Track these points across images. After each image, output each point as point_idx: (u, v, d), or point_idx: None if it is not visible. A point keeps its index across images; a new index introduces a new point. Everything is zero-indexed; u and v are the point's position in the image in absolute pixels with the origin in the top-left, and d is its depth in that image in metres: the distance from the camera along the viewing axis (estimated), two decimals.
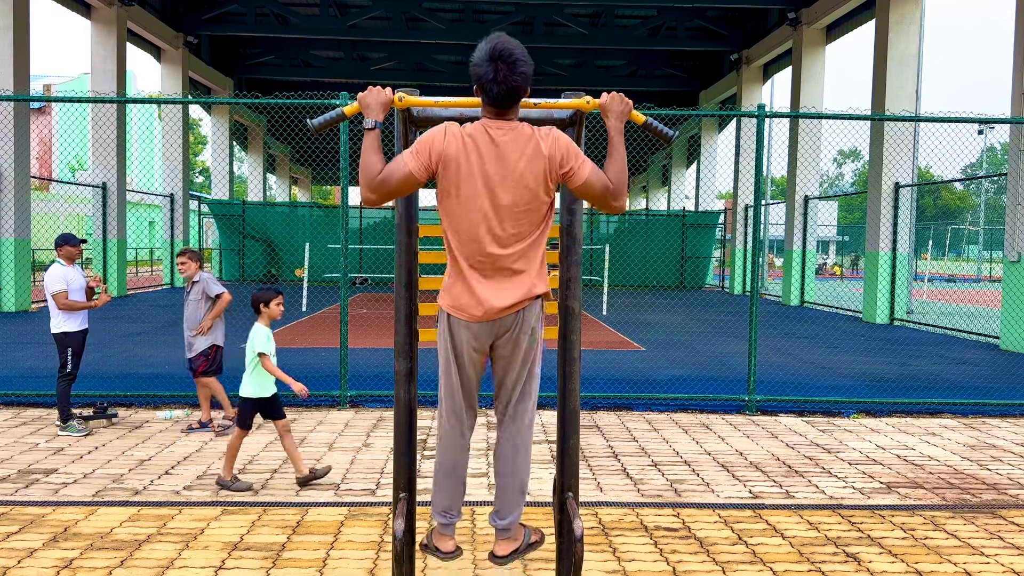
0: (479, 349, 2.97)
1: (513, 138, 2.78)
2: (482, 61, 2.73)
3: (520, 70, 2.72)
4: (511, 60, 2.71)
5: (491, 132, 2.77)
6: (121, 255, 18.62)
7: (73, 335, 6.31)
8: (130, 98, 11.06)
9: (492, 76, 2.70)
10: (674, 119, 24.86)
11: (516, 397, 3.07)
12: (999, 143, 52.05)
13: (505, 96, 2.71)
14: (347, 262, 7.36)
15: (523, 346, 2.98)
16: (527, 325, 2.96)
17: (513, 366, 3.01)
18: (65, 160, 47.73)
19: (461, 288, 2.92)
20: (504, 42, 2.75)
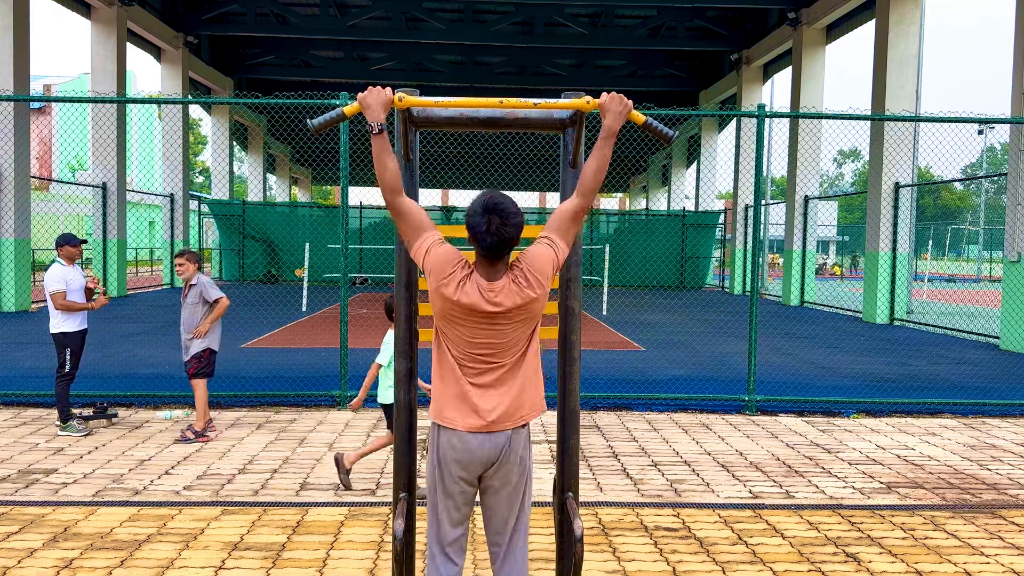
0: (468, 480, 2.90)
1: (504, 297, 2.82)
2: (476, 213, 2.82)
3: (512, 222, 2.81)
4: (503, 213, 2.79)
5: (484, 292, 2.81)
6: (121, 255, 18.63)
7: (72, 335, 6.31)
8: (130, 98, 11.06)
9: (485, 227, 2.78)
10: (674, 119, 24.86)
11: (509, 530, 2.99)
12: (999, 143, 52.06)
13: (497, 246, 2.79)
14: (347, 262, 7.36)
15: (512, 478, 2.91)
16: (515, 455, 2.89)
17: (500, 500, 2.94)
18: (65, 160, 47.74)
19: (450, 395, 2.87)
20: (497, 196, 2.85)
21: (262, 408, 7.33)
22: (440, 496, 2.93)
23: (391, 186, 2.84)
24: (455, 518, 2.95)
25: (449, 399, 2.88)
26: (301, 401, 7.43)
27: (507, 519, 2.98)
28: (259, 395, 7.45)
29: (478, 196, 2.89)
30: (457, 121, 3.12)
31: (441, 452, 2.90)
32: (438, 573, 2.98)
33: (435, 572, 2.98)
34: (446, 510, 2.94)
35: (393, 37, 23.03)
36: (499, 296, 2.81)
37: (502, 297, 2.82)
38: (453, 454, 2.87)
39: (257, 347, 10.35)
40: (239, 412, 7.16)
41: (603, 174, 2.94)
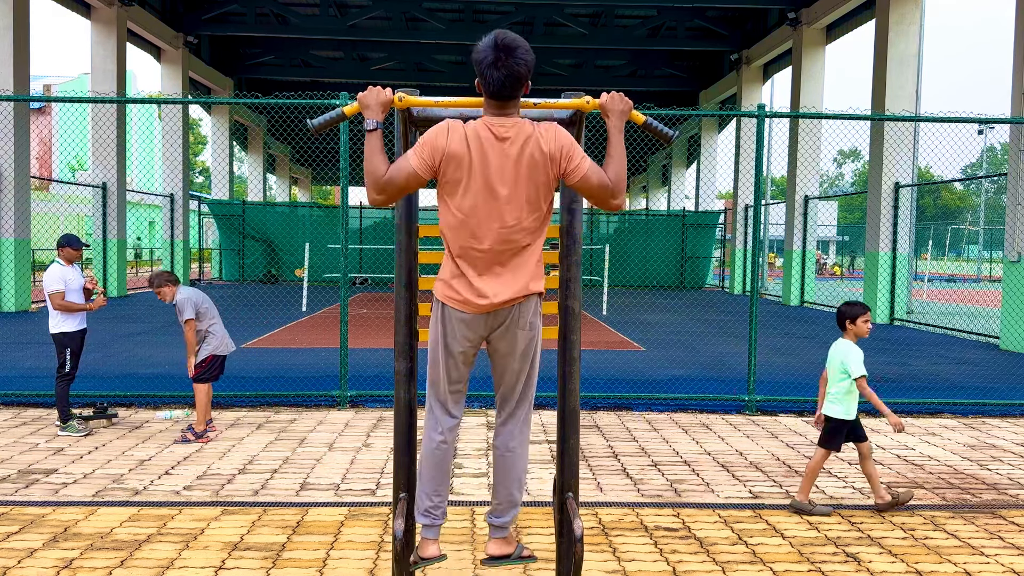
0: (474, 342, 2.97)
1: (515, 135, 2.80)
2: (484, 49, 2.79)
3: (520, 56, 2.76)
4: (512, 47, 2.77)
5: (493, 129, 2.79)
6: (121, 255, 18.63)
7: (72, 335, 6.31)
8: (130, 98, 11.06)
9: (492, 61, 2.73)
10: (674, 119, 24.86)
11: (516, 395, 3.08)
12: (999, 143, 52.05)
13: (505, 83, 2.74)
14: (347, 262, 7.36)
15: (521, 341, 2.97)
16: (524, 320, 2.96)
17: (511, 362, 3.01)
18: (65, 160, 47.73)
19: (459, 281, 2.93)
20: (506, 33, 2.82)
21: (262, 408, 7.33)
22: (442, 354, 2.99)
23: (376, 184, 2.85)
24: (455, 375, 3.03)
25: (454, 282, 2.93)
26: (301, 401, 7.43)
27: (515, 384, 3.06)
28: (259, 395, 7.44)
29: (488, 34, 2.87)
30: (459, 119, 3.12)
31: (445, 319, 2.97)
32: (436, 422, 3.06)
33: (434, 424, 3.06)
34: (446, 368, 3.00)
35: (393, 37, 23.04)
36: (510, 131, 2.79)
37: (513, 132, 2.79)
38: (457, 324, 2.94)
39: (257, 347, 10.35)
40: (239, 412, 7.16)
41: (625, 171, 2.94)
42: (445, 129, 2.84)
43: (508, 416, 3.10)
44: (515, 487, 3.12)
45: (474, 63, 2.82)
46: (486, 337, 2.98)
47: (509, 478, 3.11)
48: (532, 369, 3.07)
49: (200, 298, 6.31)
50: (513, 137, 2.80)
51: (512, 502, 3.13)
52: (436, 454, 3.07)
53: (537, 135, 2.84)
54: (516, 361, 3.01)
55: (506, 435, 3.11)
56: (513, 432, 3.10)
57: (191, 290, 6.34)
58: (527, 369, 3.05)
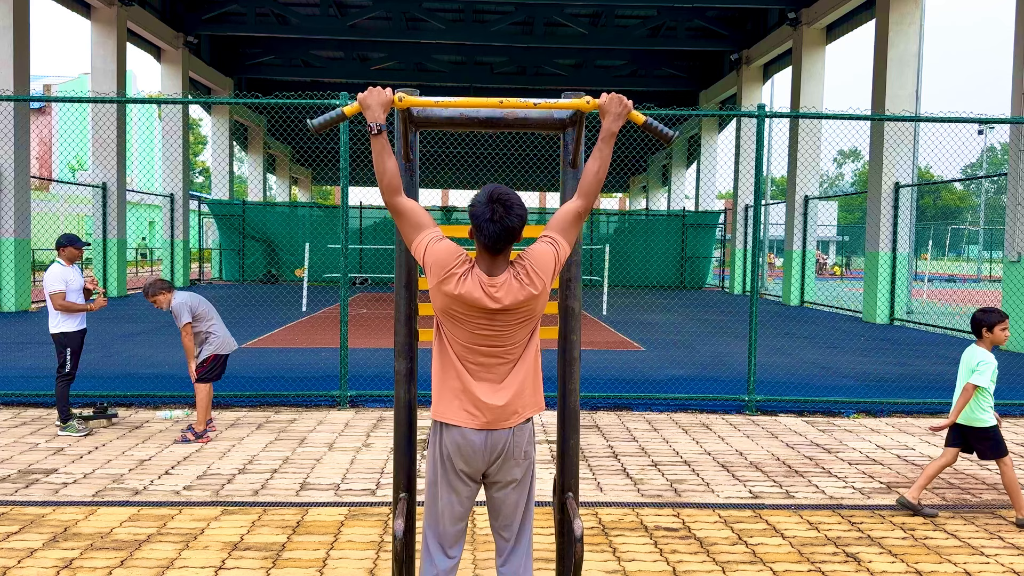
0: (472, 475, 2.89)
1: (504, 293, 2.81)
2: (480, 203, 2.81)
3: (516, 212, 2.80)
4: (508, 204, 2.79)
5: (485, 288, 2.80)
6: (121, 255, 18.63)
7: (72, 335, 6.31)
8: (130, 98, 11.06)
9: (489, 216, 2.76)
10: (674, 119, 24.86)
11: (515, 527, 2.99)
12: (999, 143, 52.05)
13: (500, 237, 2.77)
14: (347, 262, 7.36)
15: (516, 473, 2.91)
16: (519, 450, 2.89)
17: (508, 494, 2.94)
18: (65, 160, 47.74)
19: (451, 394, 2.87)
20: (501, 188, 2.84)
21: (262, 408, 7.33)
22: (442, 491, 2.92)
23: (391, 186, 2.85)
24: (456, 514, 2.94)
25: (450, 397, 2.87)
26: (301, 401, 7.43)
27: (513, 514, 2.98)
28: (259, 395, 7.44)
29: (483, 188, 2.89)
30: (457, 121, 3.12)
31: (443, 448, 2.89)
32: (435, 567, 2.96)
33: (431, 566, 2.96)
34: (447, 505, 2.93)
35: (393, 37, 23.04)
36: (500, 291, 2.81)
37: (503, 293, 2.81)
38: (456, 450, 2.86)
39: (257, 347, 10.35)
40: (239, 412, 7.16)
41: (604, 175, 2.94)
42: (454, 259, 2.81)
43: (511, 552, 3.00)
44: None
45: (470, 215, 2.84)
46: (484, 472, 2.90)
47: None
48: (530, 499, 3.01)
49: (195, 301, 6.30)
50: (503, 296, 2.82)
51: None
52: None
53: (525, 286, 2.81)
54: (513, 492, 2.95)
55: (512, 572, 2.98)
56: (518, 570, 2.99)
57: (186, 294, 6.32)
58: (525, 498, 2.98)
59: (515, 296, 2.82)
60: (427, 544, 2.98)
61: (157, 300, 6.26)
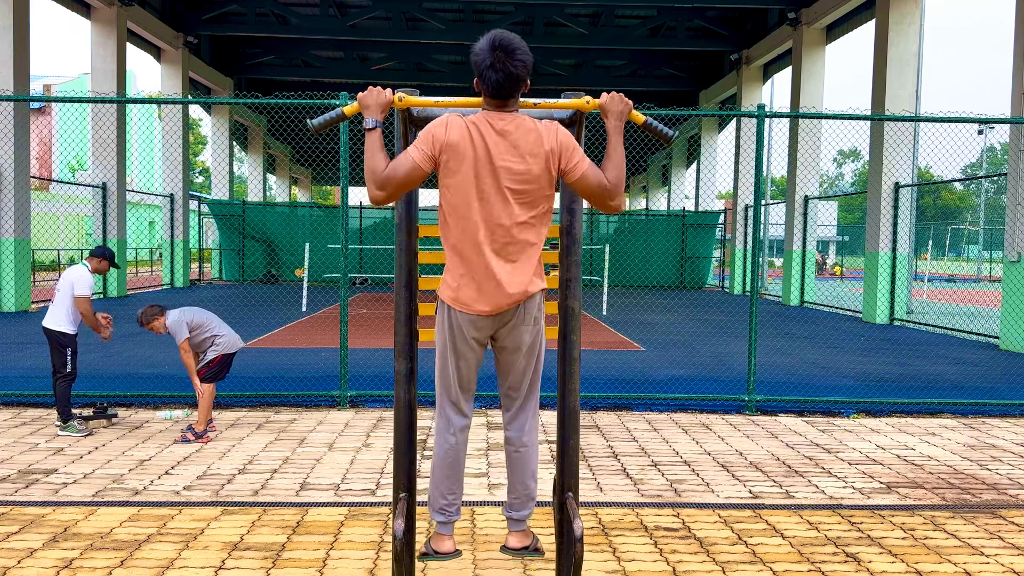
0: (480, 340, 3.01)
1: (515, 128, 2.82)
2: (482, 50, 2.80)
3: (519, 58, 2.77)
4: (510, 48, 2.78)
5: (493, 122, 2.81)
6: (121, 255, 18.63)
7: (72, 336, 6.32)
8: (130, 98, 11.06)
9: (490, 63, 2.75)
10: (674, 119, 24.86)
11: (524, 389, 3.12)
12: (999, 143, 52.04)
13: (503, 83, 2.75)
14: (347, 262, 7.36)
15: (526, 338, 3.00)
16: (529, 316, 2.99)
17: (517, 358, 3.04)
18: (65, 160, 47.74)
19: (462, 280, 2.94)
20: (504, 33, 2.84)
21: (262, 408, 7.33)
22: (451, 357, 3.03)
23: (377, 181, 2.86)
24: (466, 375, 3.06)
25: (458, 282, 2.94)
26: (301, 401, 7.43)
27: (522, 379, 3.09)
28: (259, 395, 7.44)
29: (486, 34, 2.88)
30: None
31: (451, 320, 2.99)
32: (451, 425, 3.09)
33: (446, 425, 3.09)
34: (456, 368, 3.04)
35: (393, 37, 23.03)
36: (509, 124, 2.81)
37: (513, 125, 2.81)
38: (466, 321, 2.96)
39: (257, 347, 10.35)
40: (239, 412, 7.16)
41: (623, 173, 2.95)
42: (444, 122, 2.86)
43: (517, 411, 3.14)
44: (530, 480, 3.19)
45: (472, 64, 2.84)
46: (492, 335, 3.00)
47: (525, 472, 3.17)
48: (538, 364, 3.12)
49: (190, 315, 6.29)
50: (512, 130, 2.82)
51: (529, 495, 3.20)
52: (450, 454, 3.12)
53: (538, 130, 2.86)
54: (522, 357, 3.05)
55: (516, 430, 3.15)
56: (524, 427, 3.14)
57: (178, 311, 6.32)
58: (533, 364, 3.10)
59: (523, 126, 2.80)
60: (442, 407, 3.11)
61: (153, 326, 6.30)
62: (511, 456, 3.17)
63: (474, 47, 2.84)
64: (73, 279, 6.27)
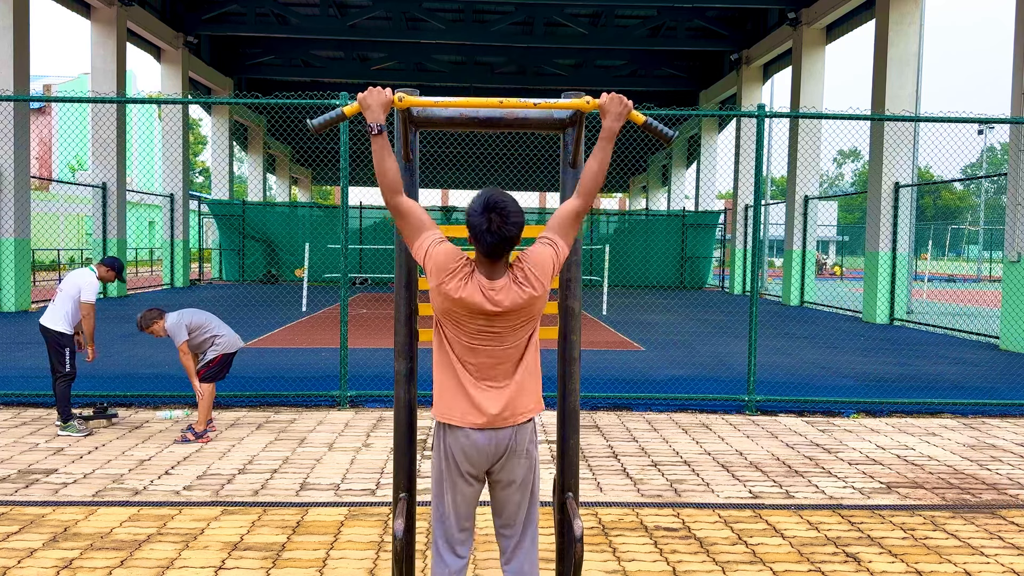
0: (476, 476, 2.91)
1: (504, 296, 2.82)
2: (476, 212, 2.81)
3: (512, 220, 2.79)
4: (505, 212, 2.78)
5: (485, 291, 2.80)
6: (121, 255, 18.62)
7: (69, 337, 6.33)
8: (130, 98, 11.06)
9: (486, 227, 2.76)
10: (674, 119, 24.86)
11: (519, 524, 3.01)
12: (999, 143, 52.04)
13: (498, 245, 2.78)
14: (347, 262, 7.36)
15: (520, 471, 2.93)
16: (521, 448, 2.91)
17: (512, 491, 2.95)
18: (65, 160, 47.74)
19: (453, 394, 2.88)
20: (498, 195, 2.83)
21: (262, 408, 7.33)
22: (447, 492, 2.94)
23: (391, 187, 2.84)
24: (462, 513, 2.96)
25: (451, 397, 2.88)
26: (301, 401, 7.43)
27: (516, 514, 2.99)
28: (259, 395, 7.44)
29: (478, 194, 2.88)
30: (457, 121, 3.11)
31: (446, 448, 2.91)
32: (446, 567, 2.98)
33: (442, 566, 2.98)
34: (453, 505, 2.95)
35: (393, 37, 23.04)
36: (500, 295, 2.81)
37: (502, 296, 2.81)
38: (459, 450, 2.88)
39: (257, 347, 10.35)
40: (239, 412, 7.16)
41: (603, 175, 2.94)
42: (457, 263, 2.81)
43: (514, 549, 3.01)
44: None
45: (467, 224, 2.85)
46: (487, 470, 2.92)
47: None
48: (534, 496, 3.02)
49: (188, 316, 6.29)
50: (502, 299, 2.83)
51: None
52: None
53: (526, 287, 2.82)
54: (516, 491, 2.96)
55: (514, 572, 3.00)
56: (522, 567, 3.01)
57: (176, 313, 6.32)
58: (528, 497, 3.00)
59: (515, 299, 2.82)
60: (436, 545, 3.00)
61: (153, 330, 6.29)
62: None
63: (469, 207, 2.85)
64: (81, 284, 6.26)
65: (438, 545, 2.99)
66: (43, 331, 6.31)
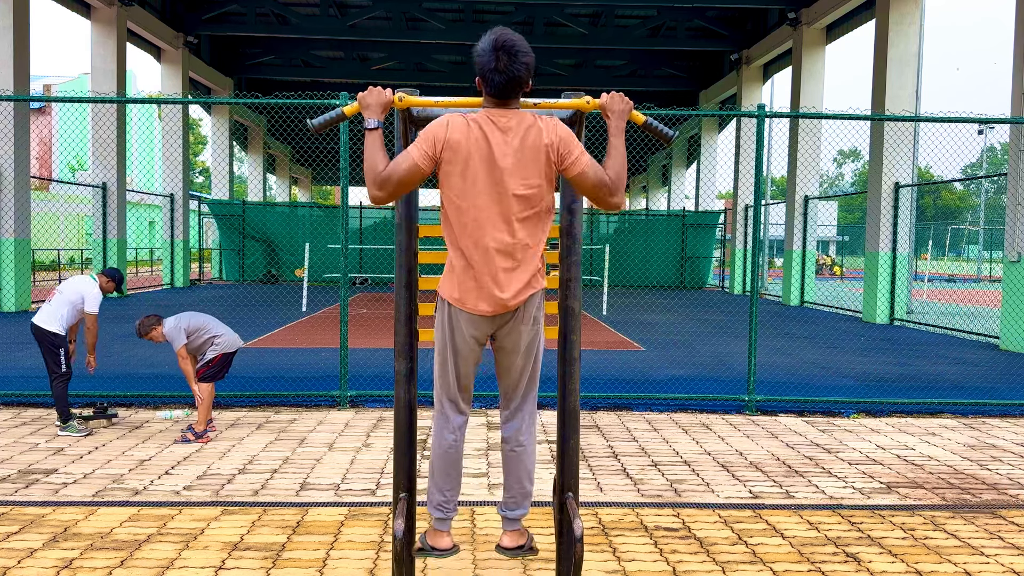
0: (479, 339, 3.01)
1: (516, 124, 2.82)
2: (484, 52, 2.80)
3: (521, 60, 2.78)
4: (513, 50, 2.78)
5: (494, 119, 2.82)
6: (121, 255, 18.63)
7: (63, 337, 6.32)
8: (130, 98, 11.06)
9: (494, 65, 2.75)
10: (674, 119, 24.86)
11: (521, 389, 3.12)
12: (999, 143, 52.04)
13: (506, 85, 2.76)
14: (347, 262, 7.35)
15: (525, 337, 3.01)
16: (528, 315, 2.99)
17: (516, 357, 3.05)
18: (65, 160, 47.74)
19: (463, 278, 2.93)
20: (506, 33, 2.83)
21: (262, 408, 7.33)
22: (449, 353, 3.03)
23: (377, 181, 2.85)
24: (463, 372, 3.06)
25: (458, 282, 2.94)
26: (301, 401, 7.43)
27: (519, 379, 3.10)
28: (259, 395, 7.44)
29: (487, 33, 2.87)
30: None
31: (451, 320, 2.99)
32: (448, 421, 3.09)
33: (445, 423, 3.09)
34: (455, 365, 3.04)
35: (393, 37, 23.04)
36: (511, 120, 2.81)
37: (514, 122, 2.81)
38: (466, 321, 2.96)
39: (257, 347, 10.35)
40: (239, 412, 7.16)
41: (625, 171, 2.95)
42: (445, 121, 2.87)
43: (515, 411, 3.15)
44: (526, 479, 3.19)
45: (474, 63, 2.84)
46: (491, 334, 3.00)
47: (521, 472, 3.17)
48: (536, 364, 3.12)
49: (185, 320, 6.29)
50: (514, 127, 2.83)
51: (525, 494, 3.20)
52: (449, 453, 3.12)
53: (539, 125, 2.86)
54: (520, 357, 3.05)
55: (513, 430, 3.15)
56: (520, 427, 3.15)
57: (174, 317, 6.32)
58: (531, 364, 3.10)
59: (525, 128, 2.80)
60: (440, 405, 3.11)
61: (152, 336, 6.32)
62: (507, 455, 3.18)
63: (476, 47, 2.84)
64: (85, 293, 6.26)
65: (442, 404, 3.10)
66: (36, 331, 6.29)
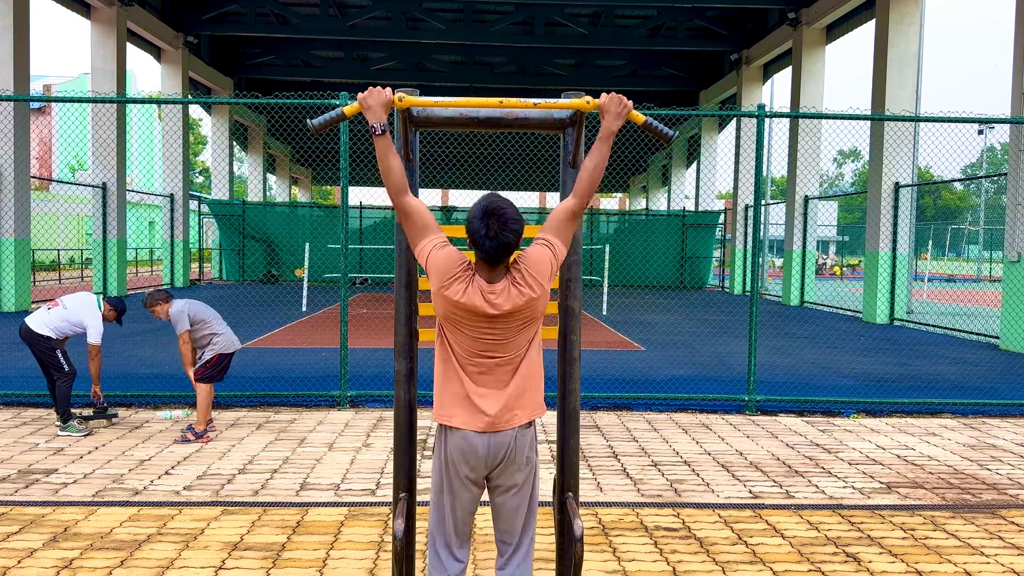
0: (475, 480, 2.91)
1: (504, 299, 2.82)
2: (475, 218, 2.82)
3: (511, 227, 2.80)
4: (503, 217, 2.80)
5: (486, 297, 2.81)
6: (121, 255, 18.63)
7: (57, 340, 6.31)
8: (130, 98, 11.06)
9: (485, 232, 2.77)
10: (674, 119, 24.86)
11: (516, 533, 3.01)
12: (999, 143, 52.05)
13: (497, 250, 2.78)
14: (347, 262, 7.36)
15: (519, 479, 2.92)
16: (521, 455, 2.90)
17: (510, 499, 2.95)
18: (65, 160, 47.74)
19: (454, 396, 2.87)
20: (497, 201, 2.85)
21: (262, 408, 7.33)
22: (447, 496, 2.94)
23: (397, 186, 2.85)
24: (461, 517, 2.96)
25: (452, 399, 2.88)
26: (301, 401, 7.43)
27: (514, 519, 2.99)
28: (259, 395, 7.44)
29: (478, 200, 2.90)
30: (457, 121, 3.11)
31: (447, 452, 2.90)
32: (445, 571, 2.98)
33: (441, 570, 2.98)
34: (452, 510, 2.95)
35: (393, 37, 23.04)
36: (499, 298, 2.82)
37: (502, 299, 2.82)
38: (459, 454, 2.87)
39: (257, 347, 10.35)
40: (239, 412, 7.16)
41: (600, 174, 2.94)
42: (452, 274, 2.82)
43: (510, 556, 3.02)
44: None
45: (466, 230, 2.86)
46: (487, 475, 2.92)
47: None
48: (532, 502, 3.02)
49: (194, 308, 6.29)
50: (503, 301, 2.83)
51: None
52: None
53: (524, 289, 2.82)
54: (515, 495, 2.96)
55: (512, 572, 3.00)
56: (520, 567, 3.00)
57: (183, 302, 6.32)
58: (528, 501, 3.00)
59: (514, 302, 2.83)
60: (434, 548, 2.99)
61: (155, 310, 6.31)
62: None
63: (469, 213, 2.86)
64: (88, 324, 6.25)
65: (436, 549, 2.98)
66: (28, 334, 6.24)
